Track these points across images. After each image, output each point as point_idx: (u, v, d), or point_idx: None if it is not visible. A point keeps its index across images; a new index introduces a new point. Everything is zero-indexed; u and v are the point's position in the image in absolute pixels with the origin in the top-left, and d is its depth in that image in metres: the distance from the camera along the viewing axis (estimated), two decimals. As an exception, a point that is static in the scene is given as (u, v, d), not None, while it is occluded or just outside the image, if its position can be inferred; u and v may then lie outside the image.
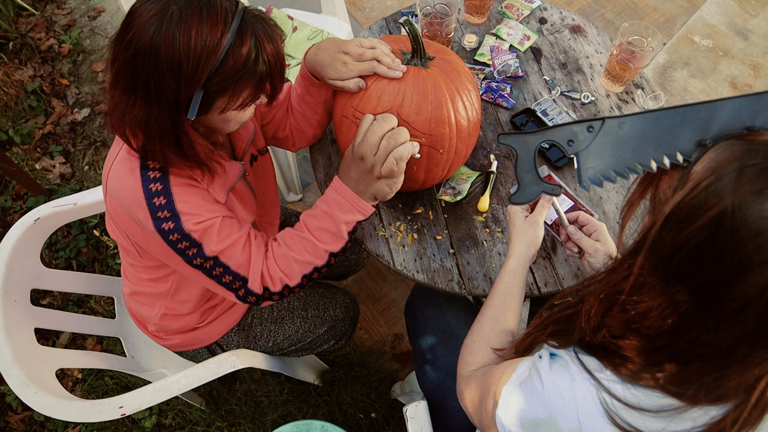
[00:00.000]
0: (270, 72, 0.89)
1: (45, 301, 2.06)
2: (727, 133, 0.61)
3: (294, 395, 1.86)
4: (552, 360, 0.73)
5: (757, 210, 0.52)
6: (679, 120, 0.64)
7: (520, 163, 0.75)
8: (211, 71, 0.82)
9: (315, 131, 1.23)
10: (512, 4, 1.57)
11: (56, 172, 2.40)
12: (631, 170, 0.67)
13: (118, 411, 1.13)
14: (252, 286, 1.02)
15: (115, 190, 0.96)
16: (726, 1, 2.89)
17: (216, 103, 0.88)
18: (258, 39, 0.85)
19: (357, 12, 2.88)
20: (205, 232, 0.96)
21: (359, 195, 1.02)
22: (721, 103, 0.62)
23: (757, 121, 0.61)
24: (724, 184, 0.55)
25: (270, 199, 1.32)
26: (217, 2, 0.82)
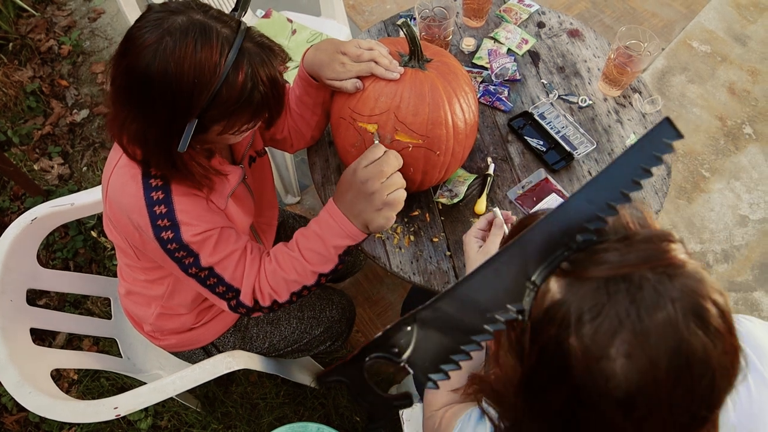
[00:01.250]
0: (266, 101, 0.88)
1: (41, 301, 2.05)
2: (549, 263, 0.54)
3: (290, 398, 1.86)
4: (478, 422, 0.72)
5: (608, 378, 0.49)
6: (492, 274, 0.56)
7: (356, 391, 0.64)
8: (206, 104, 0.82)
9: (313, 133, 1.23)
10: (511, 8, 1.58)
11: (54, 173, 2.39)
12: (472, 347, 0.58)
13: (113, 412, 1.12)
14: (244, 299, 1.03)
15: (116, 195, 0.96)
16: (724, 7, 2.90)
17: (212, 127, 0.88)
18: (254, 69, 0.84)
19: (356, 15, 2.89)
20: (202, 244, 0.96)
21: (351, 220, 0.99)
22: (528, 236, 0.55)
23: (572, 230, 0.54)
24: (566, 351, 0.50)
25: (268, 200, 1.32)
26: (213, 33, 0.81)
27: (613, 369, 0.48)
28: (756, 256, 2.18)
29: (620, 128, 1.34)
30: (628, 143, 1.31)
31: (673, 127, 0.51)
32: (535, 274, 0.55)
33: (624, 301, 0.48)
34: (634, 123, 1.35)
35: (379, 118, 1.04)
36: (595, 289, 0.50)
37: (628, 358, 0.47)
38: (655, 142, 0.52)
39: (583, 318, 0.49)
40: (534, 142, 1.31)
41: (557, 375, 0.52)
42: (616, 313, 0.48)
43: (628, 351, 0.47)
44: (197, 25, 0.80)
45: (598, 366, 0.48)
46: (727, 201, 2.30)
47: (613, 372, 0.48)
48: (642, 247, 0.51)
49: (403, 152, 1.05)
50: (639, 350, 0.47)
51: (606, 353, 0.48)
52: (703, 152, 2.43)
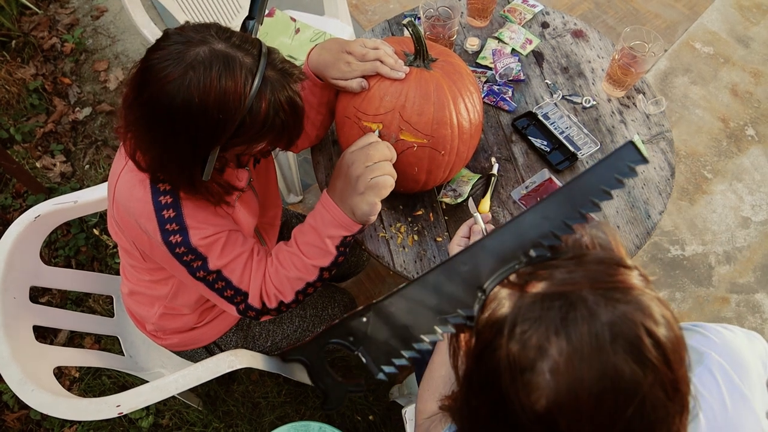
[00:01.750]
0: (287, 125, 0.88)
1: (44, 299, 2.05)
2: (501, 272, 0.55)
3: (292, 397, 1.86)
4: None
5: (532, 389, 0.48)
6: (446, 275, 0.58)
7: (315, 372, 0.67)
8: (229, 135, 0.83)
9: (317, 132, 1.23)
10: (515, 8, 1.57)
11: (57, 171, 2.39)
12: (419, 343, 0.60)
13: (115, 410, 1.12)
14: (252, 302, 1.03)
15: (124, 198, 0.96)
16: (727, 8, 2.90)
17: (232, 150, 0.89)
18: (276, 96, 0.84)
19: (359, 15, 2.89)
20: (210, 247, 0.97)
21: (340, 207, 1.00)
22: (481, 244, 0.56)
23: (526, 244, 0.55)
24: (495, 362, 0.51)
25: (271, 200, 1.32)
26: (237, 65, 0.80)
27: (537, 383, 0.48)
28: (758, 257, 2.18)
29: (624, 129, 1.34)
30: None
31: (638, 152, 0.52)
32: (486, 283, 0.56)
33: (555, 318, 0.48)
34: (637, 124, 1.35)
35: (383, 117, 1.04)
36: (531, 303, 0.50)
37: (552, 374, 0.47)
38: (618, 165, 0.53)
39: (515, 330, 0.50)
40: (538, 142, 1.31)
41: (488, 382, 0.52)
42: (546, 329, 0.48)
43: (552, 367, 0.47)
44: (221, 58, 0.80)
45: (522, 378, 0.49)
46: (729, 202, 2.30)
47: (537, 386, 0.48)
48: (591, 267, 0.51)
49: (408, 152, 1.05)
50: (563, 368, 0.47)
51: (532, 366, 0.48)
52: (706, 154, 2.43)
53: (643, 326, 0.48)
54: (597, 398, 0.47)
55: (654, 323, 0.48)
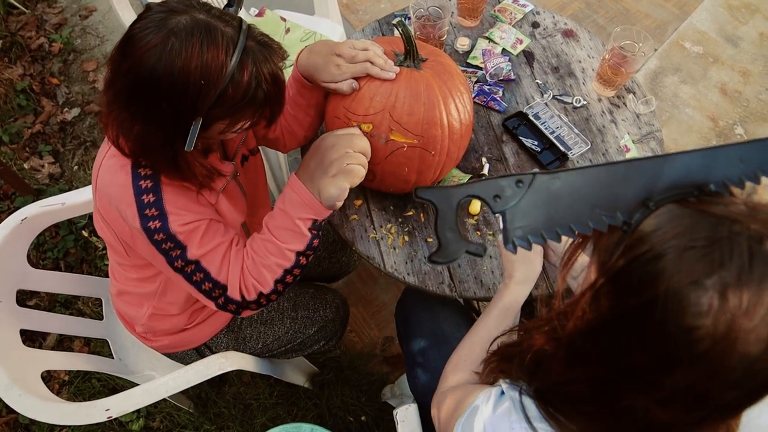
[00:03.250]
0: (269, 98, 0.88)
1: (32, 302, 2.03)
2: (675, 193, 0.55)
3: (283, 398, 1.85)
4: (499, 401, 0.72)
5: (692, 303, 0.48)
6: (621, 176, 0.56)
7: (441, 219, 0.65)
8: (212, 104, 0.82)
9: (306, 133, 1.22)
10: (505, 8, 1.57)
11: (45, 172, 2.37)
12: (565, 232, 0.59)
13: (104, 414, 1.11)
14: (231, 294, 1.02)
15: (104, 185, 0.96)
16: (716, 8, 2.92)
17: (215, 126, 0.88)
18: (258, 67, 0.84)
19: (350, 14, 2.88)
20: (190, 235, 0.96)
21: (308, 187, 1.00)
22: (671, 158, 0.55)
23: (712, 177, 0.54)
24: (661, 265, 0.50)
25: (260, 199, 1.31)
26: (219, 33, 0.81)
27: (700, 298, 0.48)
28: (748, 256, 2.19)
29: (614, 128, 1.34)
30: (623, 144, 1.31)
31: None
32: (655, 198, 0.54)
33: (743, 245, 0.48)
34: (628, 123, 1.35)
35: (374, 117, 1.03)
36: (716, 223, 0.49)
37: (721, 295, 0.47)
38: None
39: (694, 243, 0.49)
40: (528, 142, 1.31)
41: (639, 285, 0.51)
42: (731, 251, 0.48)
43: (723, 288, 0.47)
44: (202, 25, 0.80)
45: (687, 288, 0.48)
46: None
47: (699, 301, 0.48)
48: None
49: (398, 152, 1.05)
50: (733, 296, 0.47)
51: (701, 280, 0.48)
52: (696, 153, 2.44)
53: None
54: (754, 330, 0.47)
55: None
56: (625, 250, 0.54)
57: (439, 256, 0.67)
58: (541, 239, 0.59)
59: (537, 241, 0.59)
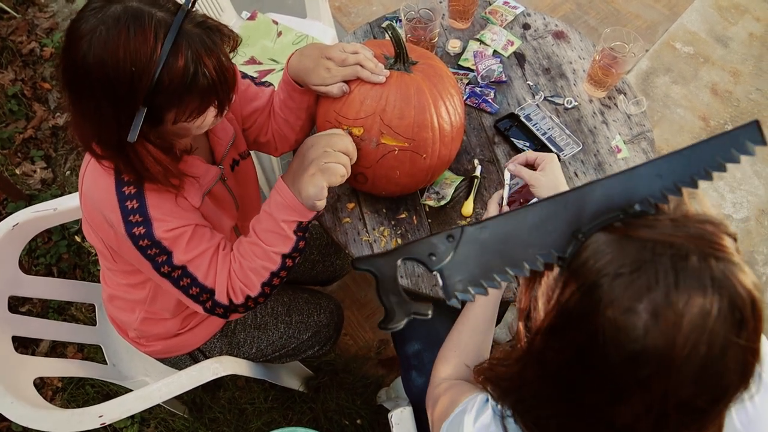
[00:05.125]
0: (213, 84, 0.85)
1: (24, 308, 2.02)
2: (602, 221, 0.55)
3: (278, 402, 1.84)
4: (481, 410, 0.73)
5: (629, 330, 0.49)
6: (546, 213, 0.57)
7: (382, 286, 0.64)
8: (148, 90, 0.79)
9: (297, 136, 1.22)
10: (496, 10, 1.58)
11: (37, 177, 2.36)
12: (503, 278, 0.60)
13: (97, 420, 1.11)
14: (219, 298, 1.01)
15: (89, 190, 0.95)
16: (706, 9, 2.93)
17: (165, 116, 0.86)
18: (195, 51, 0.81)
19: (342, 17, 2.88)
20: (175, 241, 0.95)
21: (290, 188, 0.99)
22: (591, 188, 0.56)
23: (634, 197, 0.55)
24: (596, 297, 0.51)
25: (252, 204, 1.30)
26: (146, 17, 0.78)
27: (636, 323, 0.49)
28: (740, 254, 2.20)
29: (606, 129, 1.35)
30: (614, 144, 1.32)
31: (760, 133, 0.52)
32: (584, 228, 0.56)
33: (666, 264, 0.49)
34: (619, 124, 1.36)
35: (364, 121, 1.03)
36: (640, 248, 0.51)
37: (653, 317, 0.48)
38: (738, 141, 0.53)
39: (622, 270, 0.50)
40: (520, 143, 1.32)
41: (580, 320, 0.53)
42: (655, 273, 0.49)
43: (655, 310, 0.48)
44: (130, 11, 0.78)
45: (622, 317, 0.50)
46: (710, 200, 2.33)
47: (635, 326, 0.49)
48: (696, 226, 0.52)
49: (389, 155, 1.05)
50: (666, 313, 0.48)
51: (633, 306, 0.49)
52: (687, 152, 2.45)
53: (748, 291, 0.50)
54: (691, 349, 0.48)
55: (755, 289, 0.50)
56: (563, 287, 0.55)
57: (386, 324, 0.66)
58: (482, 289, 0.60)
59: (479, 291, 0.60)
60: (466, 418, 0.74)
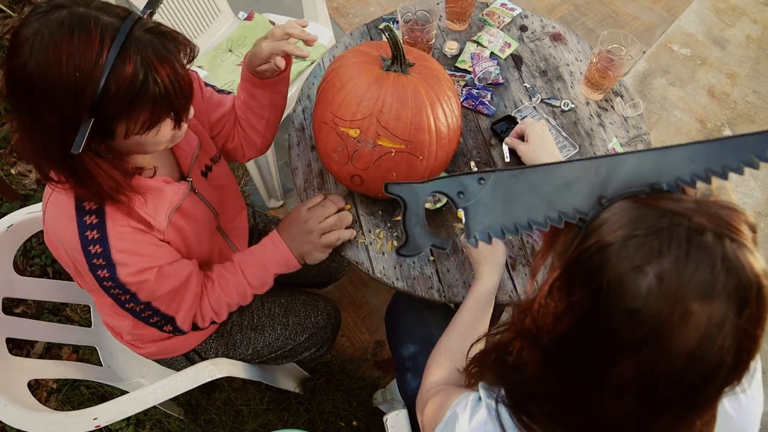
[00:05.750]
0: (167, 94, 0.79)
1: (18, 309, 2.01)
2: (627, 192, 0.57)
3: (274, 404, 1.84)
4: (475, 408, 0.73)
5: (632, 288, 0.50)
6: (577, 174, 0.59)
7: (409, 214, 0.68)
8: (93, 99, 0.74)
9: (263, 139, 1.25)
10: (493, 12, 1.58)
11: (32, 177, 2.35)
12: (522, 227, 0.62)
13: (92, 423, 1.10)
14: (181, 325, 1.06)
15: (52, 228, 0.93)
16: (703, 11, 2.94)
17: (116, 129, 0.80)
18: (146, 57, 0.76)
19: (340, 18, 2.88)
20: (140, 285, 0.94)
21: (292, 252, 1.12)
22: (624, 158, 0.58)
23: (663, 177, 0.57)
24: (606, 255, 0.53)
25: (233, 205, 1.29)
26: (92, 21, 0.74)
27: (640, 282, 0.50)
28: (736, 256, 2.20)
29: (602, 132, 1.35)
30: (611, 147, 1.32)
31: None
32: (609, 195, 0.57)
33: (681, 234, 0.50)
34: (616, 126, 1.35)
35: (361, 122, 1.03)
36: (659, 216, 0.52)
37: (659, 281, 0.49)
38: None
39: (637, 232, 0.52)
40: (517, 145, 1.31)
41: (589, 274, 0.54)
42: (669, 240, 0.50)
43: (661, 274, 0.49)
44: (76, 16, 0.74)
45: (629, 274, 0.51)
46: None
47: (639, 285, 0.50)
48: (718, 210, 0.53)
49: (386, 157, 1.05)
50: (671, 278, 0.49)
51: (641, 267, 0.50)
52: (684, 154, 2.45)
53: (757, 277, 0.50)
54: (690, 315, 0.49)
55: (765, 279, 0.51)
56: (577, 244, 0.56)
57: (406, 250, 0.70)
58: (500, 234, 0.62)
59: (497, 236, 0.62)
60: (460, 418, 0.74)
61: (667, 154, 0.56)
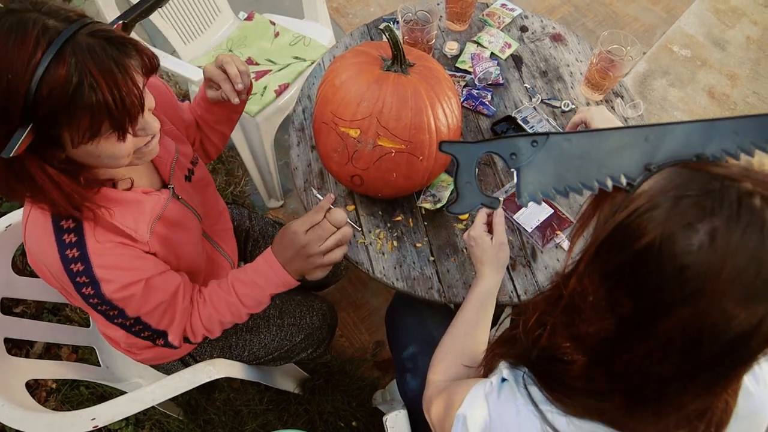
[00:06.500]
0: (105, 102, 0.75)
1: (18, 309, 2.01)
2: (675, 159, 0.59)
3: (274, 404, 1.84)
4: (501, 387, 0.74)
5: (683, 244, 0.52)
6: (627, 141, 0.61)
7: (461, 172, 0.72)
8: (25, 103, 0.72)
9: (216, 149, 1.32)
10: (494, 12, 1.58)
11: (32, 177, 2.35)
12: (573, 189, 0.64)
13: (90, 423, 1.10)
14: (172, 341, 1.03)
15: (33, 250, 0.91)
16: (704, 12, 2.94)
17: (62, 137, 0.77)
18: (81, 61, 0.72)
19: (340, 18, 2.88)
20: (127, 300, 0.92)
21: (290, 273, 1.03)
22: (672, 127, 0.60)
23: (708, 148, 0.59)
24: (657, 213, 0.54)
25: (214, 207, 1.29)
26: (32, 24, 0.72)
27: (692, 238, 0.51)
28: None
29: (603, 132, 1.34)
30: (611, 147, 1.31)
31: None
32: (656, 162, 0.59)
33: (732, 196, 0.52)
34: (616, 127, 1.35)
35: (361, 123, 1.03)
36: (711, 178, 0.54)
37: (710, 238, 0.51)
38: None
39: (690, 192, 0.53)
40: (517, 146, 1.31)
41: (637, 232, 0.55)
42: (721, 200, 0.52)
43: (713, 231, 0.51)
44: (19, 20, 0.72)
45: (681, 230, 0.52)
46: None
47: (690, 240, 0.51)
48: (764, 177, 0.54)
49: (386, 157, 1.05)
50: (722, 235, 0.51)
51: (693, 224, 0.52)
52: (684, 155, 2.45)
53: None
54: (735, 276, 0.50)
55: None
56: (628, 204, 0.58)
57: (456, 207, 0.73)
58: (551, 195, 0.64)
59: (546, 196, 0.65)
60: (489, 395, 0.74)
61: (714, 126, 0.58)
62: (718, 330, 0.52)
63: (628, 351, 0.59)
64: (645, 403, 0.61)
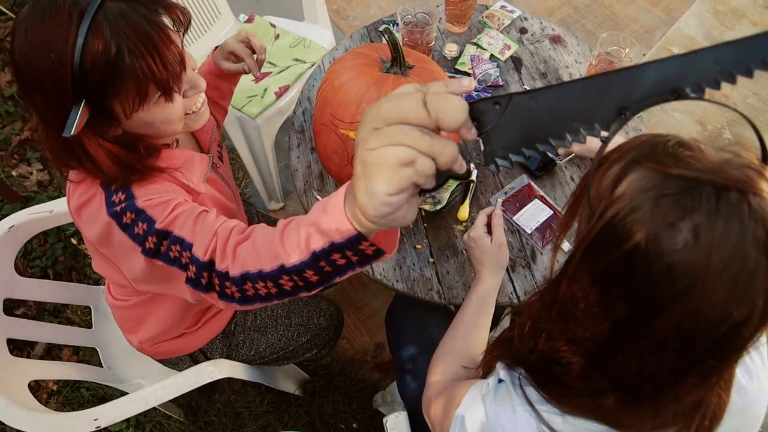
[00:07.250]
0: (148, 66, 0.76)
1: (19, 310, 2.01)
2: (651, 100, 0.55)
3: (274, 406, 1.84)
4: (497, 388, 0.74)
5: (668, 244, 0.52)
6: (598, 89, 0.57)
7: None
8: (73, 79, 0.73)
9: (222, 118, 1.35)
10: (493, 14, 1.58)
11: (33, 179, 2.36)
12: (544, 146, 0.60)
13: (92, 424, 1.10)
14: (196, 252, 0.80)
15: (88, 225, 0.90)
16: (703, 13, 2.94)
17: (114, 109, 0.79)
18: (116, 27, 0.73)
19: (340, 20, 2.89)
20: (156, 207, 0.85)
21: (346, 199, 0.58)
22: (645, 68, 0.55)
23: (687, 81, 0.55)
24: (639, 215, 0.54)
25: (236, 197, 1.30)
26: (61, 1, 0.73)
27: (676, 237, 0.52)
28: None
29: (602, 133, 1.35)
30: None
31: None
32: (632, 107, 0.56)
33: (709, 191, 0.52)
34: (615, 129, 1.36)
35: (361, 124, 1.03)
36: (685, 178, 0.54)
37: (694, 235, 0.52)
38: None
39: (668, 191, 0.54)
40: (517, 147, 1.32)
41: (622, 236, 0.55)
42: (700, 197, 0.52)
43: (695, 228, 0.52)
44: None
45: (664, 230, 0.53)
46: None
47: (674, 240, 0.52)
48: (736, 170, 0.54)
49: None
50: (705, 231, 0.51)
51: (675, 223, 0.52)
52: (684, 156, 2.45)
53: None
54: (724, 267, 0.51)
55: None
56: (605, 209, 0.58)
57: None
58: (521, 156, 0.60)
59: (518, 159, 0.60)
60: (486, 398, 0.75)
61: (690, 59, 0.55)
62: (710, 324, 0.53)
63: (624, 351, 0.59)
64: (643, 399, 0.61)
